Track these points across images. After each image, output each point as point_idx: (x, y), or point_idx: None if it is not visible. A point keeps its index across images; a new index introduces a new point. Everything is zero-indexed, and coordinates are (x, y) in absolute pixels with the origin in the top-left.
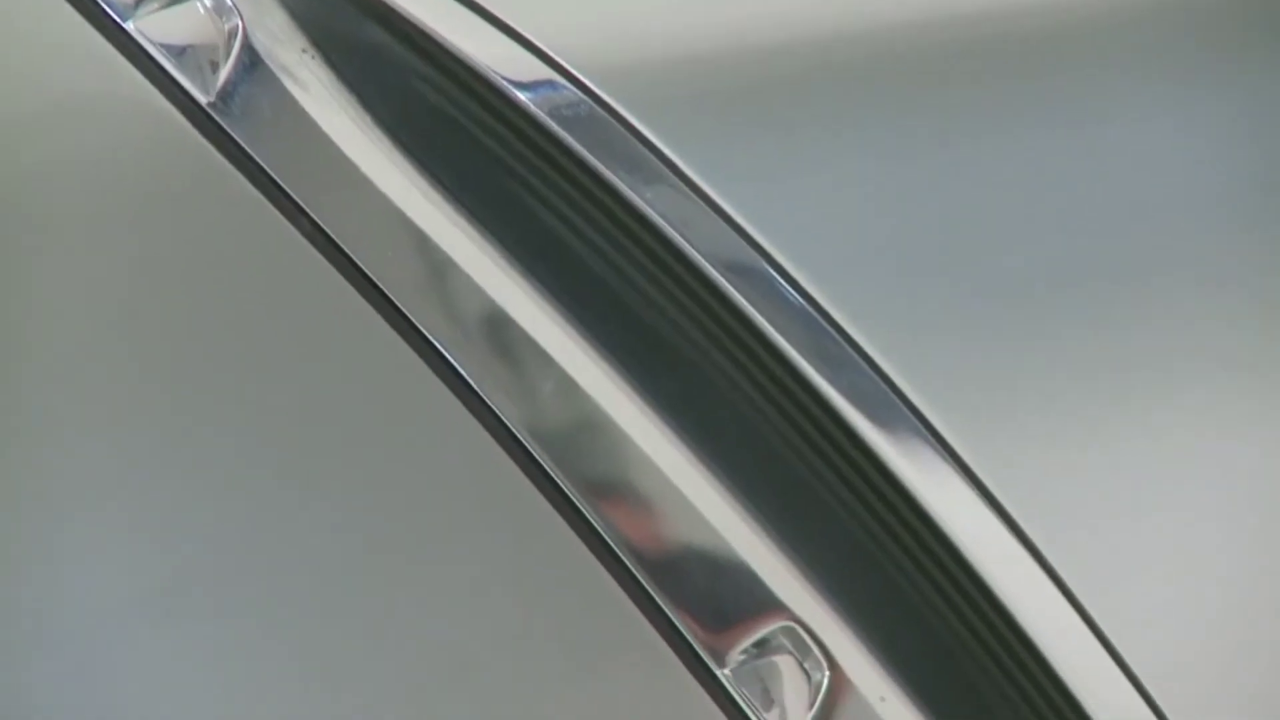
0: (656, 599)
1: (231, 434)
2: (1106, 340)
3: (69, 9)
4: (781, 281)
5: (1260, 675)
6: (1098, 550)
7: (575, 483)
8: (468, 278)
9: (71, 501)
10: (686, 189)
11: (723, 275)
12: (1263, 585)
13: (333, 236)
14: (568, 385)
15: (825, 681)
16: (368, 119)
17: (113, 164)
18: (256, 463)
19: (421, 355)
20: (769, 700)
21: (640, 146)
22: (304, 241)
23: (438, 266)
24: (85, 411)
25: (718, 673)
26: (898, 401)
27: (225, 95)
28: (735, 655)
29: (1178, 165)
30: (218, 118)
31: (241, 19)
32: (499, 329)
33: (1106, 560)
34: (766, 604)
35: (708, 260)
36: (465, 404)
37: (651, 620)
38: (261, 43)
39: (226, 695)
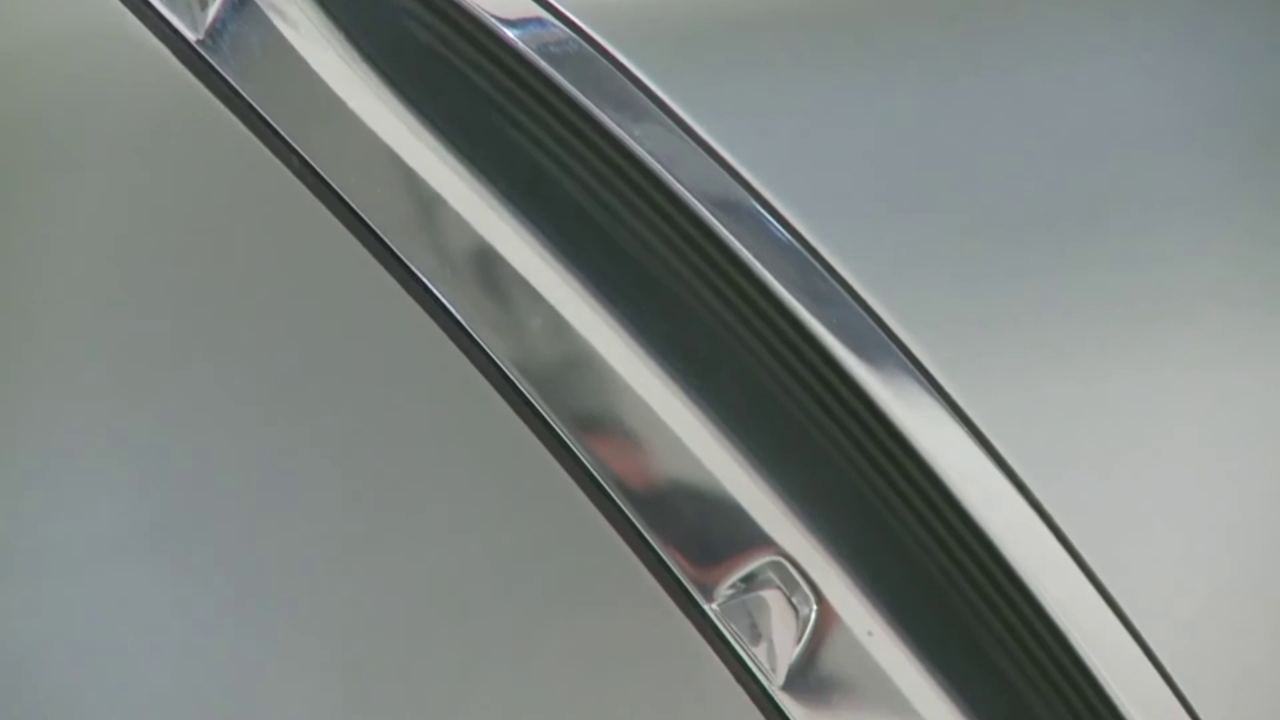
0: (644, 534)
1: (218, 365)
2: (1097, 274)
3: None
4: (769, 218)
5: (1254, 605)
6: (1087, 486)
7: (564, 419)
8: (456, 214)
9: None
10: (674, 126)
11: (710, 211)
12: (1259, 518)
13: (321, 173)
14: (556, 322)
15: (813, 616)
16: (355, 55)
17: (101, 102)
18: (247, 396)
19: (409, 291)
20: (756, 634)
21: (628, 83)
22: (293, 178)
23: (426, 203)
24: (83, 349)
25: (706, 608)
26: (885, 338)
27: (214, 33)
28: (723, 590)
29: (1161, 97)
30: (207, 55)
31: None
32: (487, 265)
33: (1095, 496)
34: (754, 539)
35: (695, 197)
36: (453, 339)
37: (639, 555)
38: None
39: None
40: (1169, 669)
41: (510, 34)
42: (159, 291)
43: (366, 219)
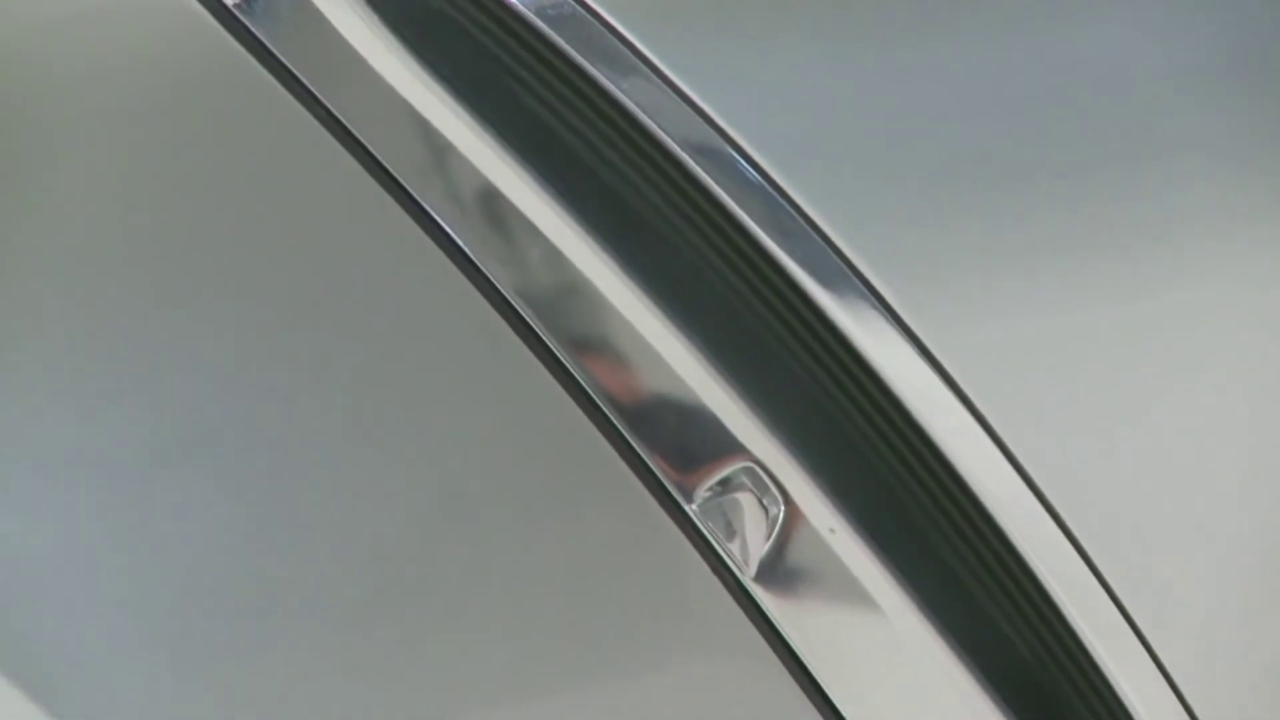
0: (631, 443)
1: (240, 312)
2: (1067, 215)
3: None
4: (742, 162)
5: (1175, 499)
6: (1026, 400)
7: (560, 340)
8: (464, 158)
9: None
10: (657, 80)
11: (691, 156)
12: (1182, 417)
13: (345, 124)
14: (553, 254)
15: (781, 515)
16: (375, 19)
17: (143, 60)
18: (273, 323)
19: (424, 229)
20: (731, 532)
21: (615, 41)
22: (320, 127)
23: (437, 149)
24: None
25: (686, 508)
26: (844, 268)
27: (254, 4)
28: (701, 492)
29: (1149, 42)
30: (242, 17)
31: None
32: (492, 204)
33: (1034, 409)
34: (729, 446)
35: (677, 143)
36: (462, 271)
37: (627, 462)
38: None
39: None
40: (1098, 565)
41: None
42: (196, 217)
43: (385, 164)
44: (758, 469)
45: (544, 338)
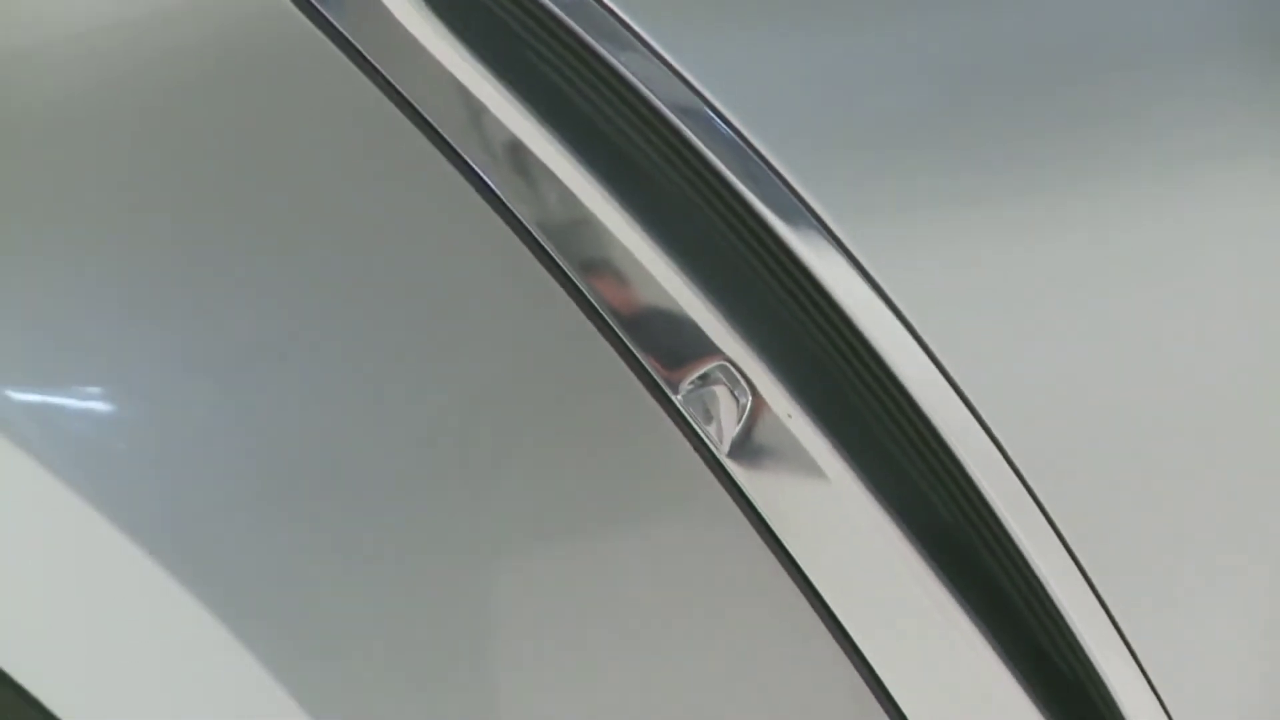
0: (629, 346)
1: (321, 249)
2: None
3: None
4: (718, 121)
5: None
6: (947, 311)
7: (572, 264)
8: (495, 118)
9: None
10: (649, 52)
11: (677, 116)
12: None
13: (401, 91)
14: (566, 194)
15: (748, 404)
16: (424, 6)
17: (238, 41)
18: (345, 273)
19: (462, 174)
20: (709, 417)
21: (614, 21)
22: (380, 94)
23: (474, 110)
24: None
25: (673, 398)
26: (800, 205)
27: None
28: (685, 386)
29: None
30: (320, 7)
31: None
32: (516, 154)
33: (952, 316)
34: (706, 348)
35: (666, 105)
36: (492, 208)
37: (626, 361)
38: None
39: None
40: (1002, 442)
41: None
42: (285, 163)
43: (432, 122)
44: (729, 366)
45: (559, 262)
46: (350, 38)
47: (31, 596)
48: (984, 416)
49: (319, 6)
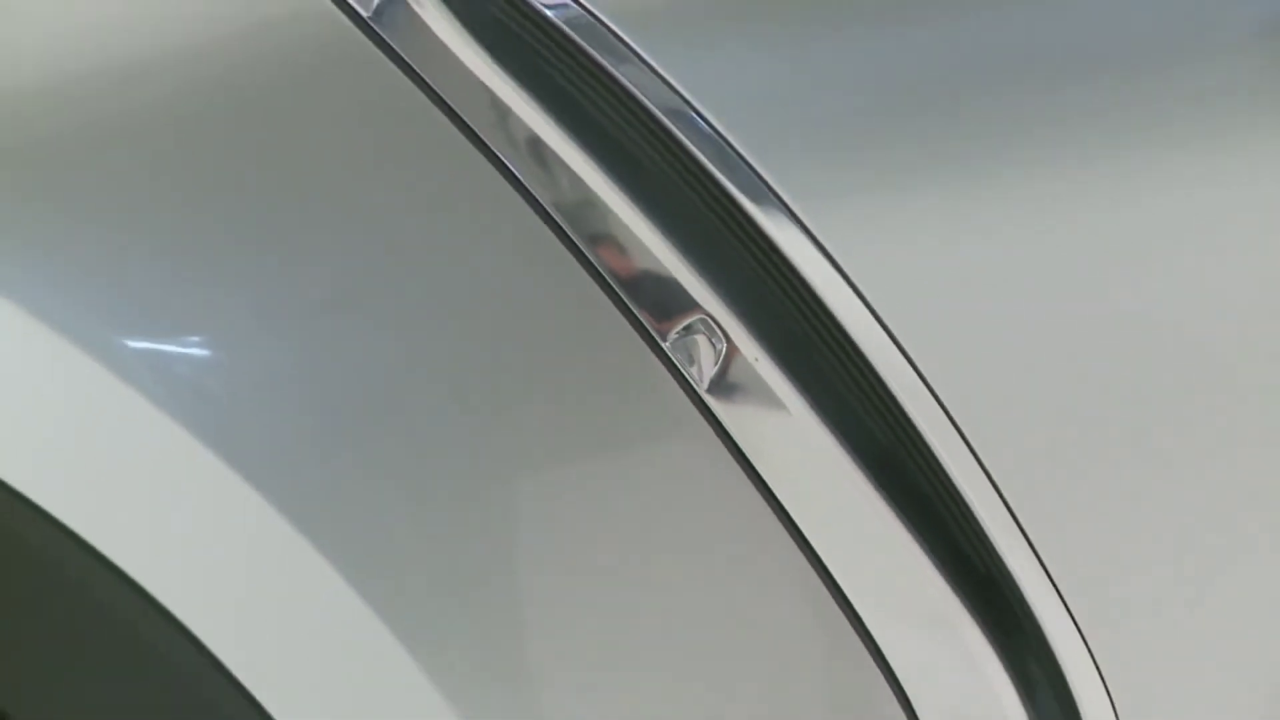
0: (627, 302)
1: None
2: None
3: None
4: (700, 120)
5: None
6: (887, 276)
7: (580, 236)
8: (520, 119)
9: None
10: (646, 69)
11: (665, 115)
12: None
13: (443, 96)
14: (575, 179)
15: (723, 350)
16: (461, 28)
17: (311, 54)
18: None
19: (492, 164)
20: (691, 360)
21: (617, 41)
22: (426, 101)
23: (501, 112)
24: None
25: (662, 345)
26: (765, 188)
27: (378, 13)
28: (672, 335)
29: None
30: (374, 25)
31: None
32: (538, 148)
33: (902, 288)
34: (689, 305)
35: (658, 109)
36: (516, 191)
37: (624, 314)
38: None
39: None
40: (927, 375)
41: (549, 13)
42: (361, 150)
43: (470, 123)
44: (708, 319)
45: (570, 235)
46: (405, 56)
47: (152, 514)
48: (914, 359)
49: (380, 32)
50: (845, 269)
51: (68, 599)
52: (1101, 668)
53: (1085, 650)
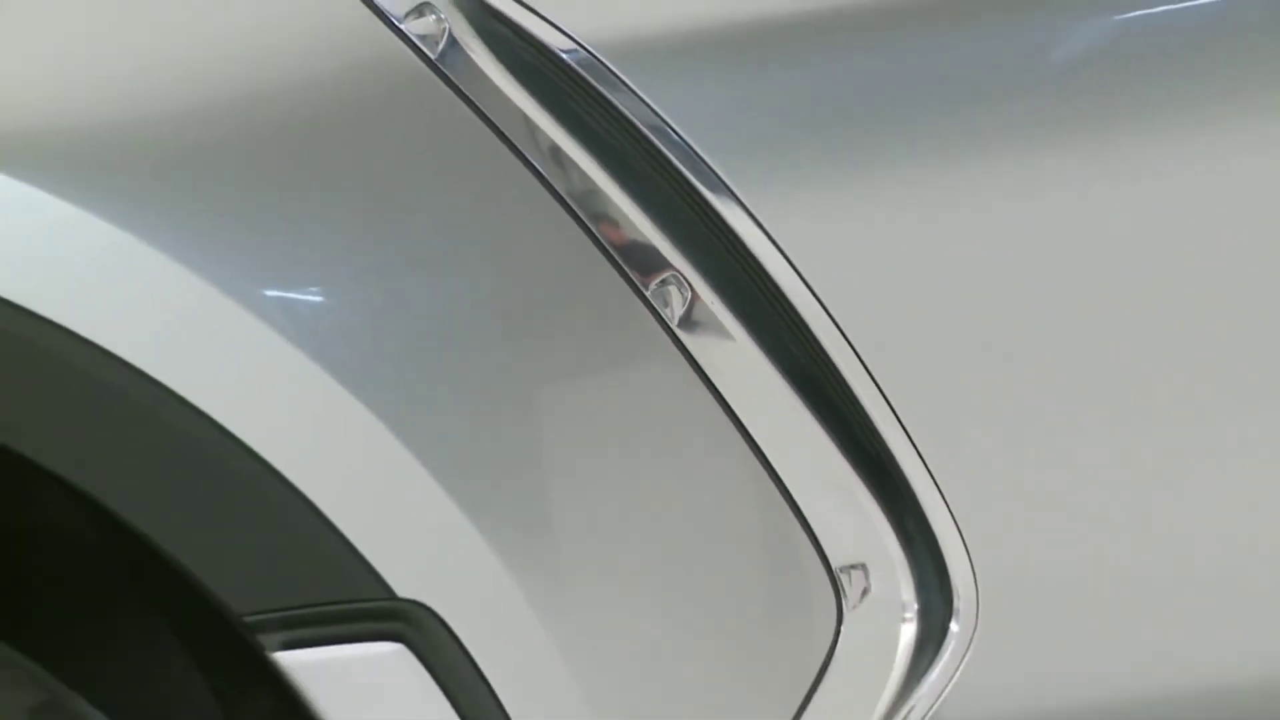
0: (621, 263)
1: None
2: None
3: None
4: (673, 132)
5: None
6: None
7: (587, 216)
8: (544, 132)
9: None
10: (631, 92)
11: (647, 129)
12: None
13: (488, 114)
14: (585, 176)
15: (689, 296)
16: (503, 68)
17: (383, 89)
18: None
19: (525, 166)
20: (666, 304)
21: (612, 75)
22: (482, 125)
23: (530, 127)
24: None
25: (645, 293)
26: (722, 183)
27: (443, 55)
28: (652, 285)
29: None
30: (440, 65)
31: (448, 24)
32: (557, 153)
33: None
34: (665, 264)
35: (648, 130)
36: (543, 186)
37: (618, 271)
38: (459, 34)
39: None
40: (833, 313)
41: (564, 56)
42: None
43: (507, 134)
44: (678, 275)
45: (579, 215)
46: (459, 83)
47: (280, 408)
48: (824, 300)
49: (438, 64)
50: (777, 240)
51: (211, 461)
52: (958, 521)
53: (947, 511)
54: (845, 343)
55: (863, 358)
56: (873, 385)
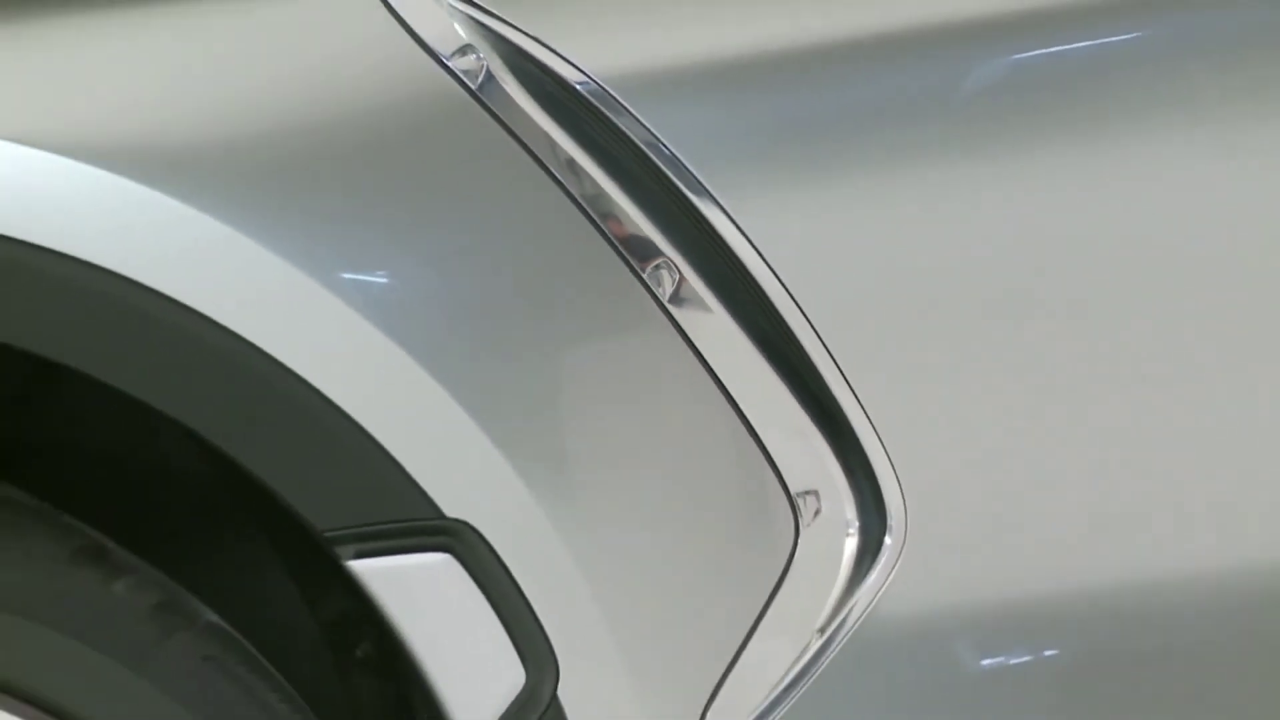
0: (622, 250)
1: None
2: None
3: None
4: (664, 148)
5: None
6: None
7: (597, 215)
8: (562, 148)
9: None
10: (632, 116)
11: (644, 145)
12: None
13: (516, 133)
14: (593, 182)
15: (678, 278)
16: (535, 102)
17: (436, 118)
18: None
19: (546, 174)
20: (659, 284)
21: (617, 102)
22: (522, 151)
23: (551, 144)
24: None
25: (642, 276)
26: (700, 183)
27: (482, 86)
28: (648, 270)
29: None
30: (483, 96)
31: (486, 62)
32: (573, 165)
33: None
34: (657, 252)
35: (639, 139)
36: (563, 191)
37: (621, 258)
38: (495, 69)
39: None
40: (794, 293)
41: (578, 87)
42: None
43: (532, 150)
44: (669, 261)
45: (589, 214)
46: (498, 113)
47: (360, 375)
48: (784, 280)
49: (480, 96)
50: (748, 233)
51: (299, 409)
52: (892, 457)
53: (883, 450)
54: (801, 314)
55: (815, 326)
56: (823, 348)
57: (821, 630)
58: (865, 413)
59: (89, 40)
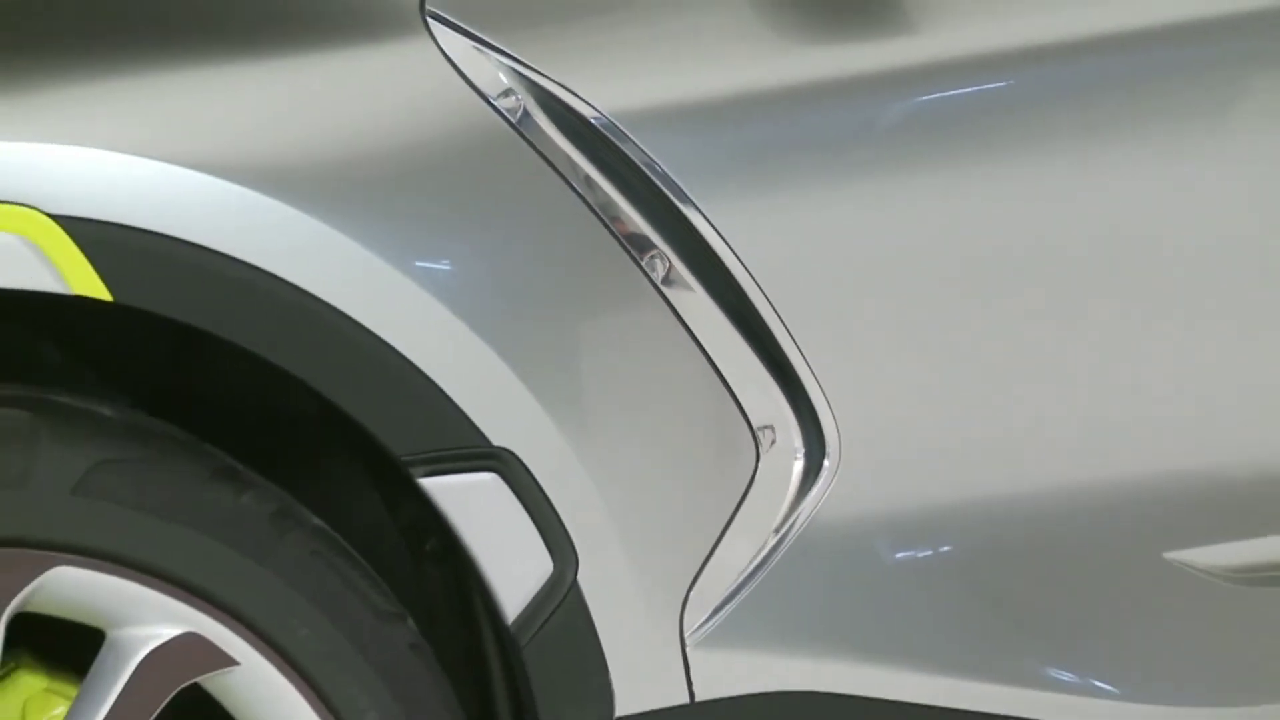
0: (623, 243)
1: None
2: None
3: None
4: (658, 163)
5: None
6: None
7: (605, 217)
8: (579, 165)
9: None
10: (632, 141)
11: (640, 162)
12: None
13: (546, 157)
14: (605, 193)
15: (670, 265)
16: (557, 128)
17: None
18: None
19: (566, 185)
20: (655, 269)
21: (622, 129)
22: (545, 165)
23: (573, 163)
24: None
25: (640, 264)
26: (687, 193)
27: (519, 120)
28: (645, 259)
29: None
30: (520, 129)
31: (523, 102)
32: (590, 181)
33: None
34: (652, 245)
35: (636, 159)
36: (579, 199)
37: (625, 252)
38: (529, 108)
39: None
40: (757, 277)
41: (592, 120)
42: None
43: (557, 167)
44: (662, 251)
45: (600, 216)
46: (531, 141)
47: (429, 338)
48: (750, 267)
49: (516, 126)
50: (723, 233)
51: (384, 365)
52: (830, 400)
53: (822, 393)
54: (761, 293)
55: (773, 301)
56: (778, 318)
57: (776, 531)
58: (810, 366)
59: (231, 89)
